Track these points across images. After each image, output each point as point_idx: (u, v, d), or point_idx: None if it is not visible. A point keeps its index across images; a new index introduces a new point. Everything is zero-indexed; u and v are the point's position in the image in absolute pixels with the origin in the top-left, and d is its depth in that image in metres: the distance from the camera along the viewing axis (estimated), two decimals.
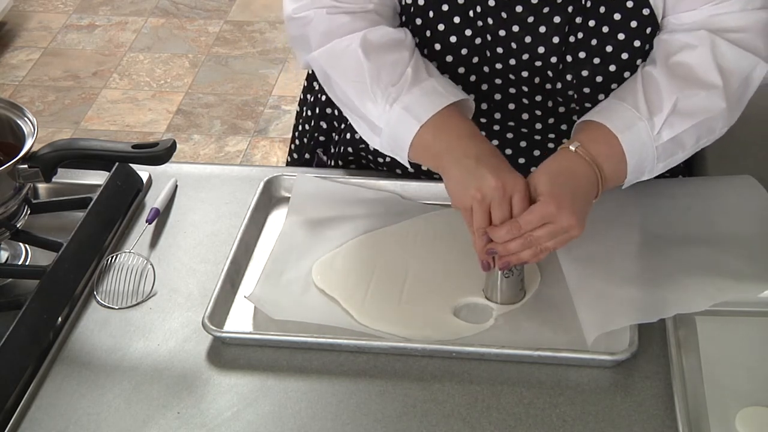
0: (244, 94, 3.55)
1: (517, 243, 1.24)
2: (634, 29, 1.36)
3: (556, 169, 1.27)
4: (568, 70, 1.40)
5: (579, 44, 1.38)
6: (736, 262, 1.32)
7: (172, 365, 1.25)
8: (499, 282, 1.28)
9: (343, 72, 1.38)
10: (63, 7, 4.08)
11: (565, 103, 1.43)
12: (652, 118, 1.30)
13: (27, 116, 1.38)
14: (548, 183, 1.24)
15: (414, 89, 1.32)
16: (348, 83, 1.37)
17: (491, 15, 1.38)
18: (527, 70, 1.41)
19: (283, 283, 1.33)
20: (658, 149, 1.31)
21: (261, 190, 1.47)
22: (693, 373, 1.20)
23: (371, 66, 1.34)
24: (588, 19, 1.37)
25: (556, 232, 1.23)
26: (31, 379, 1.23)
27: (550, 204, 1.22)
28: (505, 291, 1.29)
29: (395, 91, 1.33)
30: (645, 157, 1.31)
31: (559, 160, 1.29)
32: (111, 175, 1.46)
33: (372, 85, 1.34)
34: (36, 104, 3.51)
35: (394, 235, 1.41)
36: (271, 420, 1.18)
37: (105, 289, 1.35)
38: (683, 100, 1.31)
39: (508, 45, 1.39)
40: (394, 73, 1.34)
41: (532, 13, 1.37)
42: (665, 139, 1.31)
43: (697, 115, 1.32)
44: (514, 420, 1.17)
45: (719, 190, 1.44)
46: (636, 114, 1.30)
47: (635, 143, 1.30)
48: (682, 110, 1.31)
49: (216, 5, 4.06)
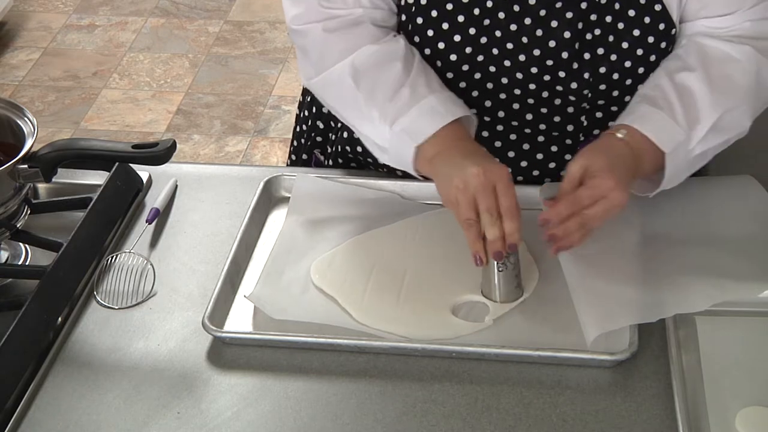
0: (244, 94, 3.55)
1: (574, 222, 1.24)
2: (648, 25, 1.37)
3: (608, 148, 1.28)
4: (586, 68, 1.39)
5: (596, 41, 1.38)
6: (736, 262, 1.32)
7: (172, 365, 1.25)
8: (495, 278, 1.28)
9: (338, 100, 1.42)
10: (63, 7, 4.08)
11: (576, 102, 1.43)
12: (690, 133, 1.31)
13: (27, 116, 1.39)
14: (605, 159, 1.25)
15: (412, 110, 1.33)
16: (345, 110, 1.41)
17: (503, 9, 1.38)
18: (537, 67, 1.40)
19: (283, 283, 1.33)
20: (688, 162, 1.33)
21: (261, 190, 1.47)
22: (693, 373, 1.20)
23: (363, 92, 1.36)
24: (604, 15, 1.37)
25: (609, 210, 1.24)
26: (31, 379, 1.23)
27: (609, 179, 1.23)
28: (503, 287, 1.29)
29: (393, 111, 1.34)
30: (678, 171, 1.32)
31: (606, 142, 1.30)
32: (111, 175, 1.46)
33: (368, 109, 1.36)
34: (36, 104, 3.51)
35: (392, 234, 1.41)
36: (271, 420, 1.18)
37: (105, 289, 1.35)
38: (723, 118, 1.32)
39: (518, 40, 1.39)
40: (389, 90, 1.35)
41: (545, 6, 1.37)
42: (696, 153, 1.33)
43: (730, 132, 1.34)
44: (514, 420, 1.17)
45: (719, 190, 1.44)
46: (677, 128, 1.30)
47: (675, 159, 1.31)
48: (719, 127, 1.32)
49: (216, 5, 4.06)
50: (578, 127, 1.45)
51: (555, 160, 1.47)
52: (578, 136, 1.45)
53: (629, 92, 1.40)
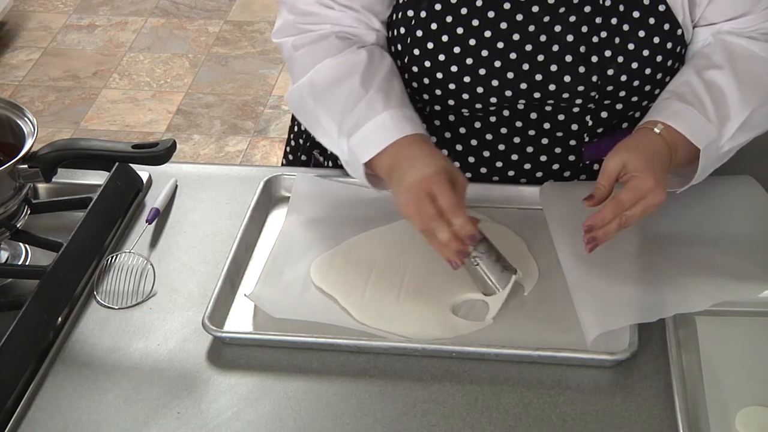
0: (244, 94, 3.55)
1: (615, 224, 1.26)
2: (653, 26, 1.37)
3: (645, 145, 1.29)
4: (593, 70, 1.39)
5: (603, 43, 1.38)
6: (736, 262, 1.32)
7: (172, 365, 1.25)
8: (479, 272, 1.28)
9: (303, 116, 1.45)
10: (63, 7, 4.08)
11: (582, 104, 1.42)
12: (721, 130, 1.32)
13: (27, 116, 1.39)
14: (643, 158, 1.26)
15: (365, 126, 1.32)
16: (312, 128, 1.43)
17: (505, 19, 1.38)
18: (541, 74, 1.39)
19: (283, 283, 1.33)
20: (718, 158, 1.34)
21: (261, 190, 1.47)
22: (693, 373, 1.20)
23: (322, 108, 1.38)
24: (609, 17, 1.37)
25: (647, 209, 1.26)
26: (31, 379, 1.23)
27: (648, 179, 1.24)
28: (490, 276, 1.28)
29: (349, 126, 1.34)
30: (708, 167, 1.33)
31: (642, 137, 1.30)
32: (111, 175, 1.46)
33: (327, 124, 1.37)
34: (36, 104, 3.51)
35: (392, 234, 1.41)
36: (271, 420, 1.18)
37: (105, 289, 1.35)
38: (752, 115, 1.33)
39: (522, 49, 1.38)
40: (348, 104, 1.35)
41: (548, 12, 1.37)
42: (725, 150, 1.34)
43: (756, 129, 1.36)
44: (514, 420, 1.17)
45: (719, 190, 1.44)
46: (709, 125, 1.31)
47: (708, 155, 1.31)
48: (748, 124, 1.33)
49: (216, 5, 4.06)
50: (582, 127, 1.44)
51: (559, 162, 1.47)
52: (583, 136, 1.45)
53: (636, 92, 1.41)
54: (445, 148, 1.48)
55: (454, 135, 1.47)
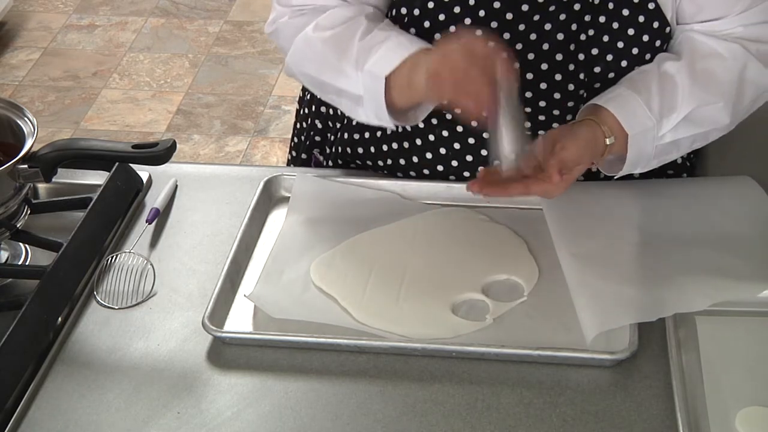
0: (244, 94, 3.55)
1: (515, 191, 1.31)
2: (642, 24, 1.38)
3: (583, 134, 1.32)
4: (581, 68, 1.40)
5: (591, 41, 1.38)
6: (736, 262, 1.32)
7: (172, 365, 1.25)
8: (502, 128, 1.24)
9: (311, 63, 1.41)
10: (63, 7, 4.08)
11: (573, 102, 1.42)
12: (662, 120, 1.33)
13: (27, 116, 1.39)
14: (576, 149, 1.30)
15: (381, 48, 1.33)
16: (320, 71, 1.40)
17: (495, 18, 1.38)
18: (532, 72, 1.40)
19: (283, 283, 1.33)
20: (656, 148, 1.35)
21: (261, 190, 1.47)
22: (693, 373, 1.20)
23: (332, 45, 1.37)
24: (598, 15, 1.38)
25: (542, 196, 1.33)
26: (31, 379, 1.23)
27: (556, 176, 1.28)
28: (514, 133, 1.24)
29: (363, 53, 1.34)
30: (642, 155, 1.34)
31: (579, 126, 1.33)
32: (111, 175, 1.46)
33: (339, 61, 1.36)
34: (36, 104, 3.51)
35: (392, 233, 1.41)
36: (271, 420, 1.18)
37: (105, 289, 1.35)
38: (697, 111, 1.34)
39: (512, 48, 1.39)
40: (358, 35, 1.36)
41: (538, 11, 1.37)
42: (666, 141, 1.35)
43: (704, 126, 1.37)
44: (514, 420, 1.17)
45: (719, 190, 1.44)
46: (648, 114, 1.33)
47: (639, 143, 1.33)
48: (692, 119, 1.35)
49: (216, 5, 4.06)
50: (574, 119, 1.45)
51: None
52: None
53: None
54: (443, 147, 1.48)
55: (452, 133, 1.47)
